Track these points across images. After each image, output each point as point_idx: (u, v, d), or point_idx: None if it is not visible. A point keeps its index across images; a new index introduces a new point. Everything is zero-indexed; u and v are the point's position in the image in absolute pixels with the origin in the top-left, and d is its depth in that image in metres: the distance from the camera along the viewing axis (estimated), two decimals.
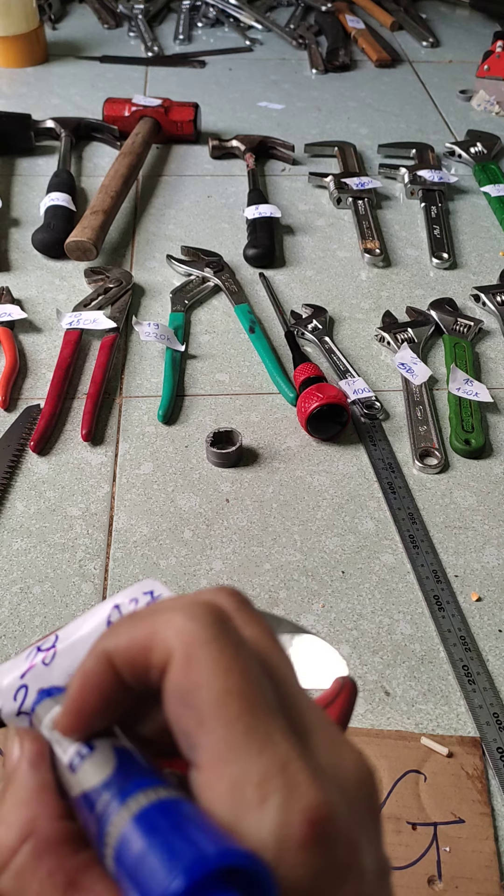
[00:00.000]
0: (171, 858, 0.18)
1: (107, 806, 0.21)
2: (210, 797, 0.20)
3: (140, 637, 0.22)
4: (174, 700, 0.21)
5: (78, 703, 0.23)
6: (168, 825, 0.19)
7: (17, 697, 0.26)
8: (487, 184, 1.13)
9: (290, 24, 1.65)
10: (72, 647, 0.27)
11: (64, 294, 0.93)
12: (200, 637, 0.21)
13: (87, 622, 0.27)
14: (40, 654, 0.27)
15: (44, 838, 0.21)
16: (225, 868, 0.18)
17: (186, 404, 0.80)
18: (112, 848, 0.20)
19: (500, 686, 0.58)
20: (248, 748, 0.19)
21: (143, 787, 0.21)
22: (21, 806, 0.22)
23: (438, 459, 0.74)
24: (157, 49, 1.52)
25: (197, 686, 0.20)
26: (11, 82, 1.41)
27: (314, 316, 0.89)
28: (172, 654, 0.21)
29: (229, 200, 1.11)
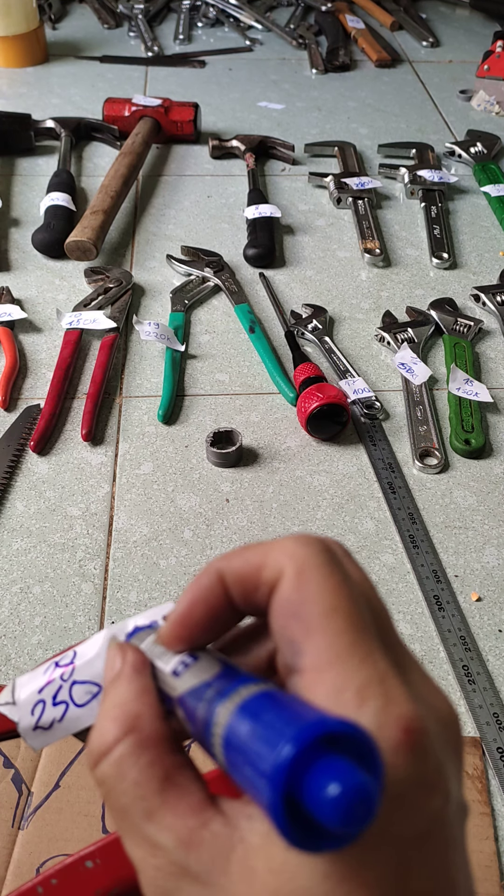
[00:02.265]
0: (279, 732, 0.19)
1: (213, 698, 0.22)
2: (310, 698, 0.21)
3: (253, 557, 0.24)
4: (283, 611, 0.22)
5: (186, 615, 0.24)
6: (273, 708, 0.20)
7: (34, 712, 0.26)
8: (487, 184, 1.13)
9: (290, 24, 1.65)
10: (90, 663, 0.27)
11: (64, 294, 0.93)
12: (312, 559, 0.23)
13: (105, 640, 0.27)
14: (59, 669, 0.27)
15: (146, 734, 0.23)
16: (330, 736, 0.18)
17: (186, 404, 0.80)
18: (220, 736, 0.21)
19: (500, 686, 0.58)
20: (351, 658, 0.21)
21: (246, 682, 0.22)
22: (124, 704, 0.23)
23: (438, 459, 0.74)
24: (157, 49, 1.52)
25: (306, 599, 0.22)
26: (11, 82, 1.41)
27: (314, 316, 0.89)
28: (284, 571, 0.23)
29: (229, 200, 1.11)
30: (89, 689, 0.26)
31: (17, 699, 0.27)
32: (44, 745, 0.27)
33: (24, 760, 0.52)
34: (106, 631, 0.27)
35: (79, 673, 0.27)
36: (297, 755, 0.18)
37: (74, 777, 0.51)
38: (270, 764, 0.18)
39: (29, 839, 0.48)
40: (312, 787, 0.17)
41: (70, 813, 0.50)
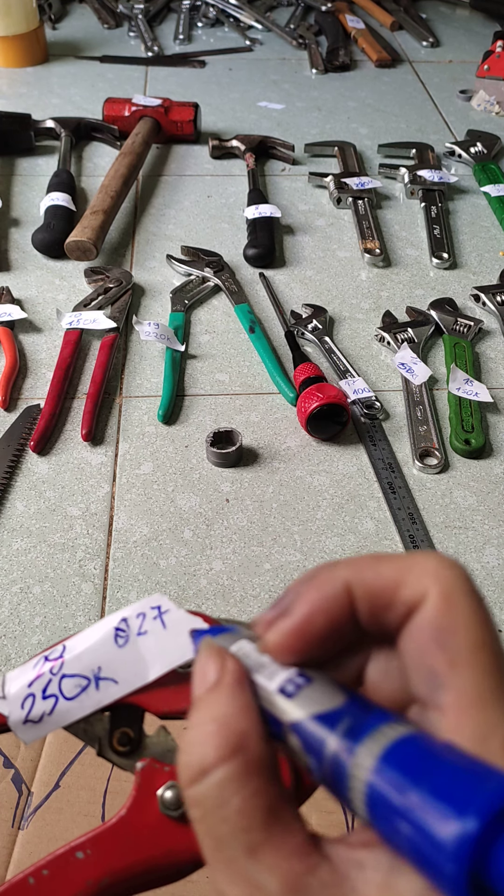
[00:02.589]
0: (457, 794, 0.17)
1: (348, 735, 0.20)
2: (453, 739, 0.19)
3: (388, 572, 0.22)
4: (424, 636, 0.21)
5: (303, 624, 0.22)
6: (432, 759, 0.18)
7: (24, 706, 0.27)
8: (487, 184, 1.13)
9: (290, 23, 1.65)
10: (79, 657, 0.27)
11: (64, 294, 0.93)
12: (460, 585, 0.21)
13: (94, 634, 0.27)
14: (48, 663, 0.27)
15: (253, 757, 0.20)
16: None
17: (186, 404, 0.80)
18: (363, 783, 0.19)
19: None
20: (497, 701, 0.19)
21: (385, 719, 0.20)
22: (228, 720, 0.21)
23: (438, 459, 0.74)
24: (157, 49, 1.52)
25: (455, 629, 0.20)
26: (11, 82, 1.41)
27: (314, 316, 0.89)
28: (428, 593, 0.21)
29: (229, 200, 1.11)
30: (78, 683, 0.27)
31: (6, 693, 0.27)
32: (34, 738, 0.27)
33: (24, 760, 0.52)
34: (96, 625, 0.28)
35: (68, 667, 0.27)
36: (486, 826, 0.16)
37: (74, 777, 0.51)
38: (453, 836, 0.16)
39: (29, 839, 0.48)
40: (499, 860, 0.16)
41: (70, 813, 0.50)
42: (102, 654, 0.27)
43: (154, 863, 0.26)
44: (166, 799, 0.26)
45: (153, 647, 0.27)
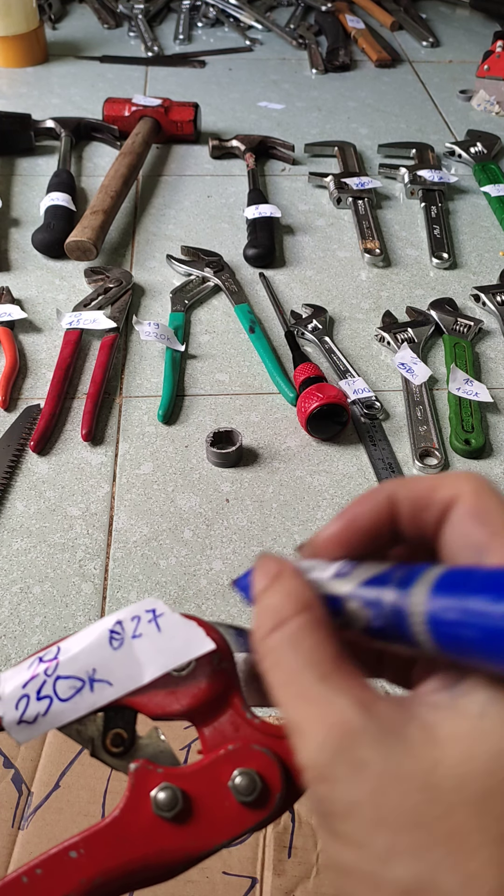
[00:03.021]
0: None
1: (402, 581, 0.22)
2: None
3: (425, 482, 0.25)
4: (465, 521, 0.23)
5: (351, 522, 0.26)
6: (475, 577, 0.20)
7: (18, 706, 0.27)
8: (487, 184, 1.13)
9: (290, 23, 1.65)
10: (74, 658, 0.27)
11: (64, 294, 0.93)
12: (486, 483, 0.24)
13: (89, 636, 0.28)
14: (42, 664, 0.27)
15: (319, 614, 0.23)
16: None
17: (186, 404, 0.80)
18: (423, 614, 0.21)
19: None
20: None
21: (428, 566, 0.22)
22: (295, 590, 0.24)
23: (438, 459, 0.74)
24: (157, 49, 1.52)
25: (490, 509, 0.23)
26: (11, 82, 1.41)
27: (314, 316, 0.89)
28: (462, 490, 0.24)
29: (229, 200, 1.11)
30: (73, 685, 0.27)
31: (1, 694, 0.27)
32: (28, 738, 0.27)
33: (24, 760, 0.52)
34: (90, 626, 0.28)
35: (63, 668, 0.27)
36: None
37: (74, 777, 0.51)
38: None
39: (29, 839, 0.48)
40: None
41: (70, 813, 0.50)
42: (97, 656, 0.27)
43: (147, 862, 0.26)
44: (160, 800, 0.26)
45: (148, 649, 0.27)
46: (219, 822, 0.26)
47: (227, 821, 0.26)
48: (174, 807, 0.26)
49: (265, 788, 0.26)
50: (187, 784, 0.26)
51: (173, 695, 0.28)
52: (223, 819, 0.26)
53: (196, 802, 0.26)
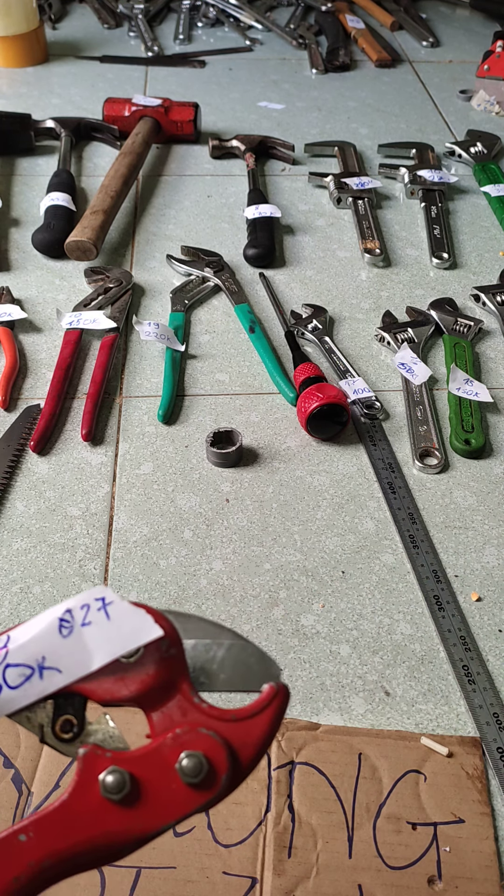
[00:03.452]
0: None
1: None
2: None
3: None
4: None
5: None
6: None
7: None
8: (487, 184, 1.13)
9: (290, 23, 1.65)
10: (23, 647, 0.28)
11: (64, 294, 0.93)
12: None
13: (38, 624, 0.28)
14: None
15: None
16: None
17: (186, 404, 0.80)
18: None
19: (500, 686, 0.58)
20: None
21: None
22: None
23: (438, 459, 0.74)
24: (157, 49, 1.52)
25: None
26: (11, 82, 1.41)
27: (314, 316, 0.89)
28: None
29: (229, 200, 1.11)
30: (22, 672, 0.27)
31: None
32: None
33: (24, 760, 0.52)
34: (39, 615, 0.28)
35: (12, 656, 0.27)
36: None
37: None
38: None
39: None
40: None
41: None
42: (46, 644, 0.28)
43: (94, 843, 0.26)
44: (107, 783, 0.27)
45: (97, 637, 0.28)
46: (166, 804, 0.27)
47: (174, 802, 0.27)
48: (122, 789, 0.26)
49: (211, 770, 0.27)
50: (135, 767, 0.27)
51: (122, 681, 0.28)
52: (170, 801, 0.27)
53: (143, 785, 0.27)
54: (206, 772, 0.27)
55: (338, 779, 0.52)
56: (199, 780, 0.27)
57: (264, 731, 0.28)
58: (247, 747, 0.28)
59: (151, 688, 0.28)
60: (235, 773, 0.27)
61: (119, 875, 0.48)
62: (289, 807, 0.51)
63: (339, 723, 0.56)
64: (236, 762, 0.27)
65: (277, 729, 0.29)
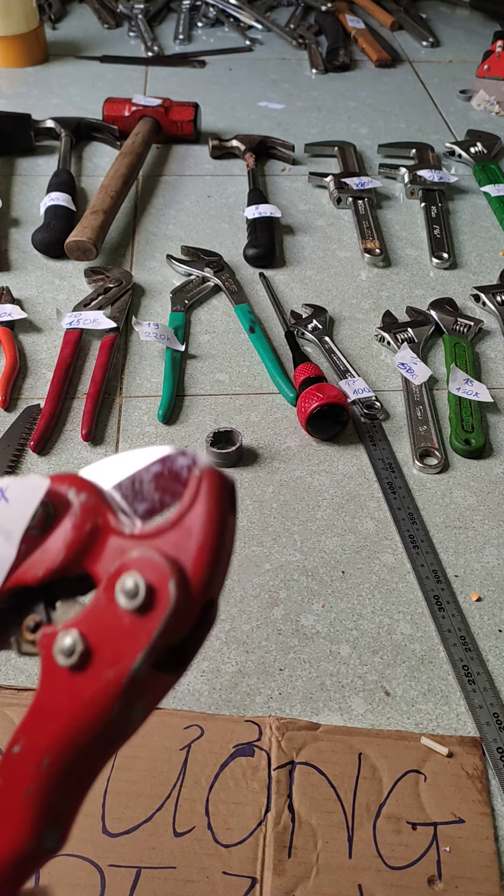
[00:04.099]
0: None
1: None
2: None
3: None
4: None
5: None
6: None
7: None
8: (487, 184, 1.13)
9: (290, 23, 1.65)
10: None
11: (64, 294, 0.93)
12: None
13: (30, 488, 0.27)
14: None
15: None
16: None
17: (186, 404, 0.80)
18: None
19: (500, 686, 0.58)
20: None
21: None
22: None
23: (438, 459, 0.74)
24: (157, 49, 1.52)
25: None
26: (11, 82, 1.41)
27: (314, 316, 0.89)
28: None
29: (229, 200, 1.11)
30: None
31: None
32: None
33: None
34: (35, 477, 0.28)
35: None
36: None
37: None
38: None
39: None
40: None
41: None
42: None
43: (79, 724, 0.25)
44: (63, 649, 0.25)
45: (4, 525, 0.27)
46: (122, 646, 0.24)
47: (128, 640, 0.24)
48: (74, 650, 0.25)
49: (149, 588, 0.24)
50: (82, 624, 0.25)
51: (48, 551, 0.27)
52: (124, 640, 0.24)
53: (94, 637, 0.25)
54: (145, 590, 0.24)
55: (338, 779, 0.52)
56: (141, 602, 0.24)
57: (203, 523, 0.25)
58: (187, 551, 0.25)
59: (78, 542, 0.26)
60: (181, 583, 0.24)
61: (119, 875, 0.48)
62: (289, 807, 0.51)
63: (339, 723, 0.56)
64: (179, 571, 0.24)
65: (225, 521, 0.25)
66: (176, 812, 0.50)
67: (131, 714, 0.25)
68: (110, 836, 0.49)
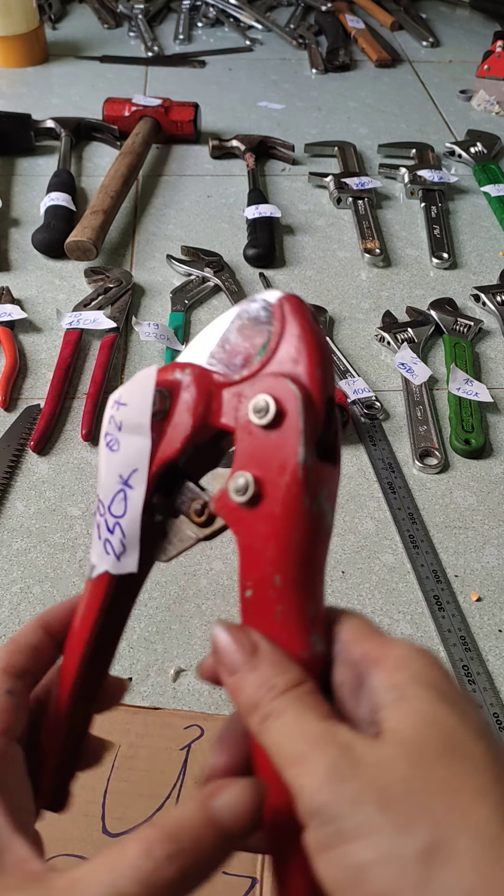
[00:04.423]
0: None
1: None
2: None
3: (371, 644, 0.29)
4: None
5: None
6: None
7: (108, 551, 0.31)
8: (487, 184, 1.13)
9: (290, 23, 1.65)
10: (103, 486, 0.31)
11: (64, 294, 0.93)
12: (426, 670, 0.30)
13: (101, 472, 0.31)
14: (98, 517, 0.31)
15: (312, 686, 0.25)
16: None
17: None
18: None
19: (500, 686, 0.58)
20: None
21: None
22: (280, 663, 0.26)
23: (438, 459, 0.74)
24: (157, 49, 1.52)
25: None
26: (11, 82, 1.41)
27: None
28: None
29: (229, 200, 1.11)
30: (118, 498, 0.30)
31: (90, 560, 0.32)
32: (135, 563, 0.31)
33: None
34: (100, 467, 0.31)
35: (104, 500, 0.30)
36: None
37: None
38: None
39: None
40: None
41: (70, 813, 0.50)
42: (111, 469, 0.30)
43: (285, 535, 0.27)
44: (238, 486, 0.29)
45: (127, 424, 0.30)
46: (279, 455, 0.27)
47: (281, 448, 0.27)
48: (247, 483, 0.28)
49: (275, 399, 0.26)
50: (239, 464, 0.29)
51: (177, 425, 0.29)
52: (278, 450, 0.27)
53: (255, 466, 0.28)
54: (272, 402, 0.26)
55: None
56: (274, 413, 0.27)
57: (298, 334, 0.27)
58: (296, 360, 0.27)
59: (200, 405, 0.29)
60: (296, 383, 0.26)
61: None
62: None
63: None
64: (290, 376, 0.26)
65: (315, 326, 0.27)
66: None
67: (321, 505, 0.27)
68: (110, 836, 0.49)
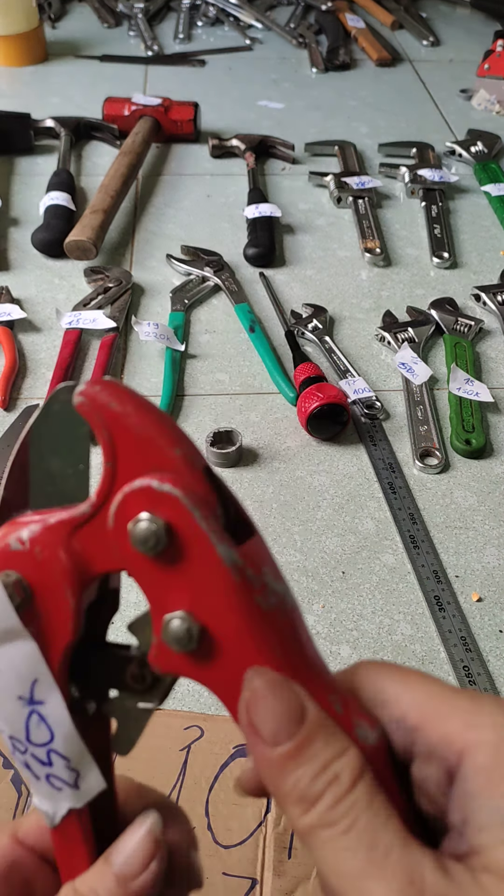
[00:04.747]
0: None
1: None
2: None
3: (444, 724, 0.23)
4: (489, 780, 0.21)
5: None
6: None
7: (44, 798, 0.27)
8: (488, 183, 1.13)
9: (290, 23, 1.64)
10: None
11: (63, 293, 0.93)
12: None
13: None
14: None
15: (376, 781, 0.22)
16: None
17: (186, 404, 0.80)
18: None
19: (500, 687, 0.58)
20: None
21: None
22: (338, 743, 0.22)
23: (439, 459, 0.74)
24: (157, 48, 1.52)
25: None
26: (11, 82, 1.41)
27: (314, 315, 0.89)
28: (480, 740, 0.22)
29: (229, 200, 1.11)
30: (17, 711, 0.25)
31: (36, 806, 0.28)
32: (87, 796, 0.26)
33: None
34: None
35: None
36: None
37: None
38: None
39: None
40: None
41: None
42: (3, 697, 0.25)
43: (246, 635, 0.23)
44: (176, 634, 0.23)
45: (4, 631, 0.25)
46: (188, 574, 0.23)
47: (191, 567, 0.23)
48: (189, 633, 0.23)
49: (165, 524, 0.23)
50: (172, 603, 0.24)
51: (54, 602, 0.24)
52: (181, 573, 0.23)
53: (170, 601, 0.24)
54: (163, 528, 0.23)
55: None
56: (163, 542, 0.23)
57: None
58: None
59: (71, 565, 0.24)
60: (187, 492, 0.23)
61: None
62: None
63: None
64: None
65: None
66: None
67: (274, 590, 0.24)
68: None
